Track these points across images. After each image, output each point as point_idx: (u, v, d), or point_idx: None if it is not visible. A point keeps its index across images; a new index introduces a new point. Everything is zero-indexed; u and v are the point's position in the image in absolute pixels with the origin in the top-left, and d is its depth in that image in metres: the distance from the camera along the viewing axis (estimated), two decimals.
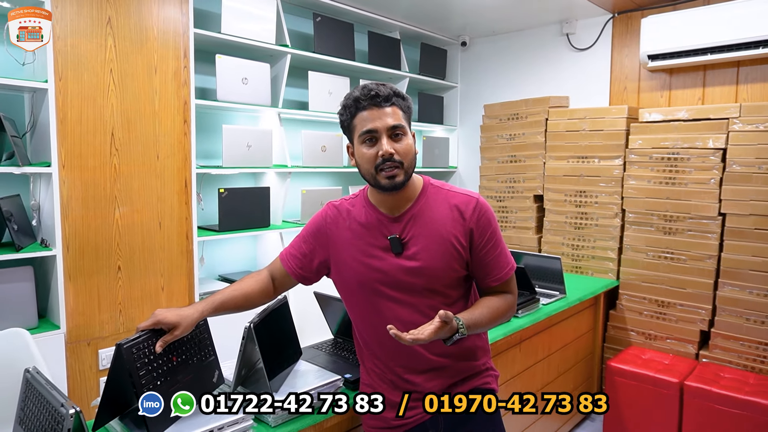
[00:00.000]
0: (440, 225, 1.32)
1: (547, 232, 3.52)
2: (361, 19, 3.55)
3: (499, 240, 1.37)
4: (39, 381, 1.17)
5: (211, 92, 2.91)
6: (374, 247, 1.35)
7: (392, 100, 1.28)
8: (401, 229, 1.33)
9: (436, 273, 1.31)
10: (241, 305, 1.43)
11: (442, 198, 1.35)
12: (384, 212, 1.36)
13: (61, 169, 2.22)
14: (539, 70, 3.82)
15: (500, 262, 1.37)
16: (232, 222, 2.86)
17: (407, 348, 1.33)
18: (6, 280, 2.13)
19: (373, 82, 1.32)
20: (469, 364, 1.42)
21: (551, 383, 2.74)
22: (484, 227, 1.33)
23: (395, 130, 1.27)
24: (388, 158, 1.25)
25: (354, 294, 1.41)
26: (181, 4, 2.54)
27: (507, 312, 1.39)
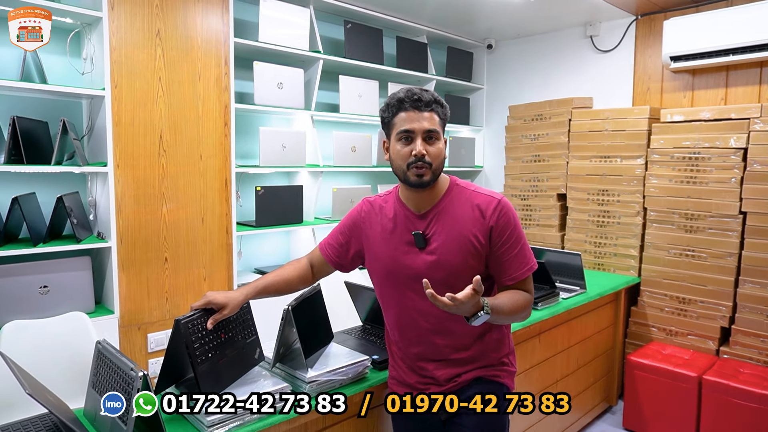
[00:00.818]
0: (461, 223, 1.39)
1: (569, 230, 3.61)
2: (390, 25, 3.70)
3: (519, 241, 1.40)
4: (110, 350, 1.36)
5: (249, 96, 3.11)
6: (401, 241, 1.45)
7: (432, 106, 1.37)
8: (426, 226, 1.42)
9: (453, 267, 1.38)
10: (282, 290, 1.59)
11: (465, 197, 1.42)
12: (411, 209, 1.45)
13: (116, 169, 2.43)
14: (563, 72, 3.90)
15: (517, 262, 1.40)
16: (267, 218, 3.04)
17: (424, 338, 1.46)
18: (67, 268, 2.36)
19: (418, 87, 1.41)
20: (481, 353, 1.48)
21: (571, 375, 2.84)
22: (503, 226, 1.38)
23: (430, 133, 1.36)
24: (420, 158, 1.35)
25: (382, 284, 1.53)
26: (222, 16, 2.74)
27: (525, 307, 1.41)
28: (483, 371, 1.49)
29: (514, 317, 1.42)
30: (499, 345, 1.52)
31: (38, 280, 2.28)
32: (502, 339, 1.53)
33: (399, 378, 1.56)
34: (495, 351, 1.51)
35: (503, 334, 1.54)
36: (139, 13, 2.46)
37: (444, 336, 1.46)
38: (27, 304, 2.25)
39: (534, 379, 2.56)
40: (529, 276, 1.44)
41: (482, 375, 1.49)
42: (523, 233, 1.44)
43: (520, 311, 1.41)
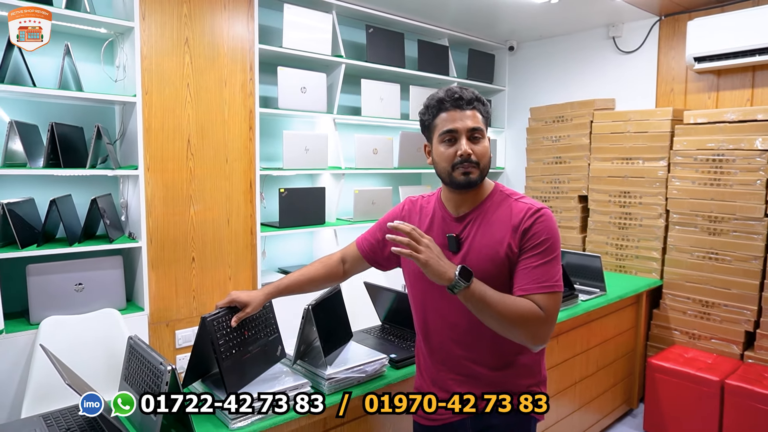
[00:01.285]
0: (496, 229, 1.32)
1: (591, 232, 3.60)
2: (411, 29, 3.75)
3: (547, 255, 1.27)
4: (141, 345, 1.44)
5: (273, 101, 3.19)
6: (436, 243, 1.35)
7: (474, 104, 1.33)
8: (461, 229, 1.36)
9: (483, 274, 1.29)
10: (305, 289, 1.62)
11: (506, 204, 1.35)
12: (450, 211, 1.40)
13: (146, 172, 2.54)
14: (585, 73, 3.89)
15: (535, 274, 1.26)
16: (290, 219, 3.12)
17: (447, 347, 1.40)
18: (100, 267, 2.47)
19: (457, 85, 1.37)
20: (508, 379, 1.37)
21: (590, 377, 2.84)
22: (535, 234, 1.28)
23: (474, 132, 1.32)
24: (466, 158, 1.30)
25: (413, 285, 1.48)
26: (247, 23, 2.82)
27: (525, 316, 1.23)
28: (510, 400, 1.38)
29: (503, 318, 1.24)
30: (529, 372, 1.40)
31: (74, 278, 2.40)
32: (533, 366, 1.40)
33: (421, 389, 1.52)
34: (524, 378, 1.39)
35: (536, 359, 1.41)
36: (168, 23, 2.56)
37: (467, 348, 1.38)
38: (63, 301, 2.36)
39: (552, 381, 2.58)
40: (544, 294, 1.26)
41: None
42: (557, 252, 1.30)
43: (515, 318, 1.23)
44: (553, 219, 1.33)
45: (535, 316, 1.25)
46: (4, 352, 2.20)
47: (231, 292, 1.50)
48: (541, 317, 1.25)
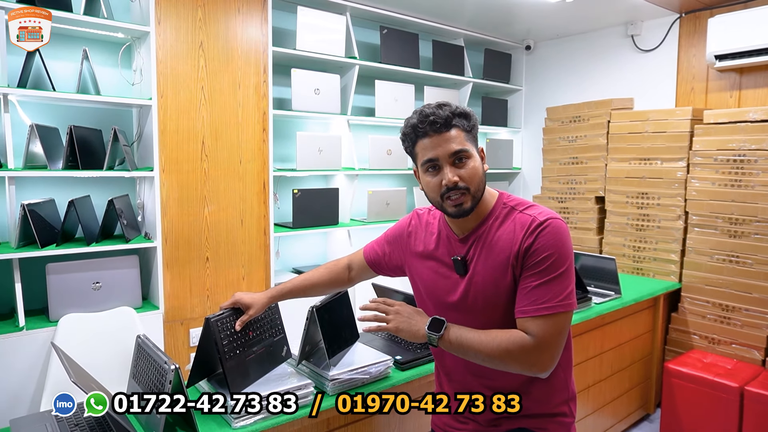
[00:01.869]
0: (500, 249, 1.23)
1: (608, 233, 3.55)
2: (426, 29, 3.74)
3: (552, 272, 1.16)
4: (148, 344, 1.47)
5: (286, 102, 3.22)
6: (442, 264, 1.34)
7: (452, 123, 1.20)
8: (466, 250, 1.29)
9: (492, 298, 1.24)
10: (309, 293, 1.64)
11: (511, 218, 1.25)
12: (454, 231, 1.33)
13: (161, 173, 2.59)
14: (603, 73, 3.83)
15: (535, 295, 1.17)
16: (304, 219, 3.15)
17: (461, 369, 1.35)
18: (117, 266, 2.53)
19: (432, 104, 1.23)
20: (532, 402, 1.29)
21: (604, 381, 2.80)
22: (535, 251, 1.18)
23: (457, 155, 1.20)
24: (453, 187, 1.20)
25: (423, 303, 1.42)
26: (261, 26, 2.86)
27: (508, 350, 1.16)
28: (529, 422, 1.30)
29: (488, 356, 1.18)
30: (554, 390, 1.30)
31: (91, 276, 2.46)
32: (556, 384, 1.29)
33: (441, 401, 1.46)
34: (550, 397, 1.30)
35: (560, 376, 1.30)
36: (183, 27, 2.60)
37: (482, 377, 1.31)
38: (81, 299, 2.43)
39: None
40: (539, 318, 1.15)
41: (527, 426, 1.30)
42: (562, 267, 1.17)
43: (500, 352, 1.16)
44: (561, 230, 1.19)
45: (519, 346, 1.16)
46: (24, 348, 2.27)
47: (235, 294, 1.53)
48: (529, 345, 1.15)
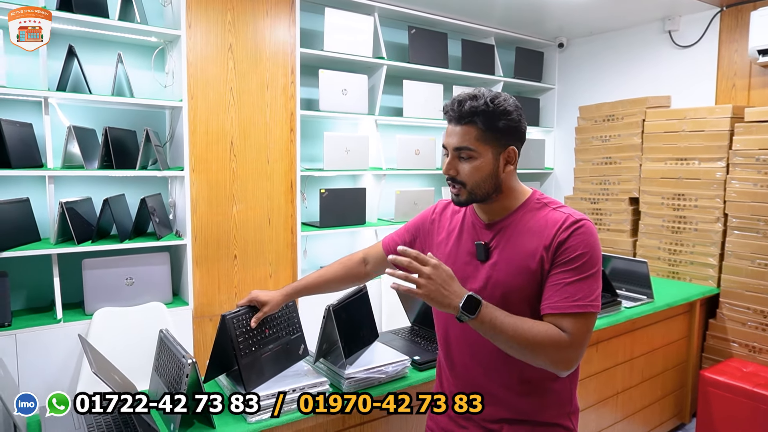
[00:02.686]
0: (528, 240, 1.21)
1: (642, 236, 3.44)
2: (455, 28, 3.72)
3: (583, 272, 1.15)
4: (169, 339, 1.52)
5: (314, 103, 3.26)
6: (464, 250, 1.32)
7: (468, 119, 1.20)
8: (491, 237, 1.27)
9: (510, 286, 1.22)
10: (324, 289, 1.63)
11: (542, 214, 1.24)
12: (480, 218, 1.31)
13: (191, 173, 2.67)
14: (639, 70, 3.72)
15: (567, 291, 1.15)
16: (331, 219, 3.18)
17: (467, 361, 1.32)
18: (149, 263, 2.62)
19: (467, 93, 1.23)
20: (534, 407, 1.27)
21: (634, 387, 2.72)
22: (569, 248, 1.16)
23: (460, 152, 1.22)
24: (450, 177, 1.24)
25: None
26: (289, 27, 2.90)
27: (542, 343, 1.13)
28: (530, 429, 1.27)
29: (520, 347, 1.14)
30: (558, 400, 1.28)
31: (125, 272, 2.55)
32: (563, 393, 1.28)
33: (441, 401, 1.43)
34: (553, 407, 1.27)
35: (566, 386, 1.28)
36: (213, 30, 2.67)
37: (489, 367, 1.29)
38: (115, 294, 2.52)
39: (591, 390, 2.49)
40: (573, 315, 1.14)
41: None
42: (594, 269, 1.17)
43: (533, 343, 1.13)
44: (594, 232, 1.19)
45: (554, 341, 1.13)
46: (61, 339, 2.37)
47: (252, 291, 1.55)
48: (564, 342, 1.13)
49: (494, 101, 1.19)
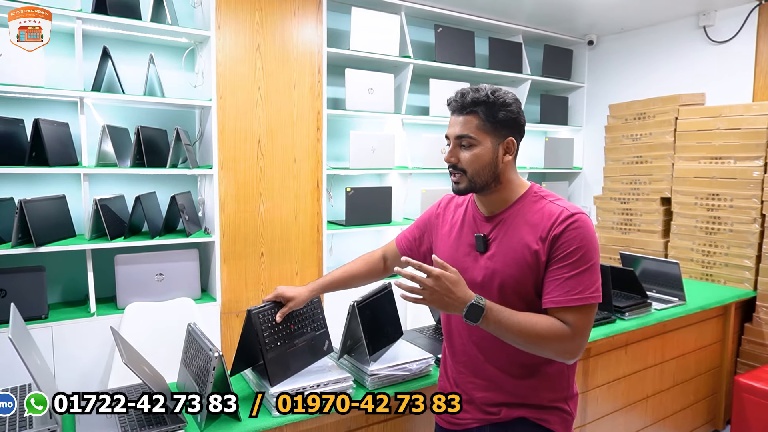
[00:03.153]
0: (525, 232, 1.26)
1: (674, 237, 3.36)
2: (482, 26, 3.69)
3: (581, 265, 1.19)
4: (196, 332, 1.55)
5: (341, 102, 3.28)
6: (464, 242, 1.38)
7: (469, 109, 1.27)
8: (490, 229, 1.33)
9: (507, 278, 1.27)
10: (349, 285, 1.68)
11: (539, 207, 1.28)
12: (481, 211, 1.37)
13: (219, 171, 2.71)
14: (672, 67, 3.63)
15: (568, 285, 1.19)
16: (357, 217, 3.19)
17: (469, 349, 1.37)
18: (178, 259, 2.68)
19: (470, 87, 1.31)
20: (531, 390, 1.32)
21: (665, 392, 2.65)
22: (565, 243, 1.20)
23: (461, 140, 1.29)
24: (451, 165, 1.31)
25: None
26: (316, 27, 2.92)
27: (546, 337, 1.18)
28: (529, 411, 1.31)
29: (525, 343, 1.19)
30: (555, 384, 1.32)
31: (155, 268, 2.61)
32: (559, 377, 1.33)
33: (443, 390, 1.50)
34: (549, 390, 1.32)
35: (563, 372, 1.33)
36: (242, 31, 2.71)
37: (488, 352, 1.34)
38: (146, 289, 2.59)
39: (620, 393, 2.44)
40: (575, 308, 1.18)
41: (528, 416, 1.31)
42: (592, 261, 1.21)
43: (538, 338, 1.18)
44: (589, 225, 1.23)
45: (558, 334, 1.19)
46: (95, 332, 2.44)
47: (277, 287, 1.57)
48: (567, 334, 1.19)
49: (495, 93, 1.27)
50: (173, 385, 1.66)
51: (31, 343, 1.48)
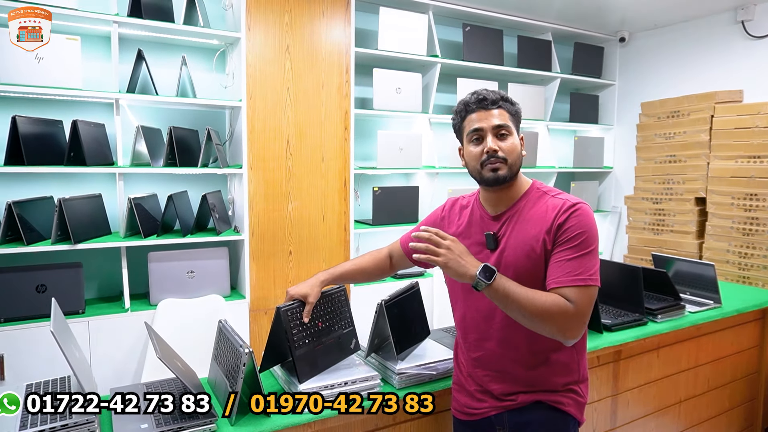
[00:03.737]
0: (532, 226, 1.34)
1: (709, 238, 3.27)
2: (511, 24, 3.66)
3: (582, 249, 1.27)
4: (227, 329, 1.58)
5: (368, 101, 3.29)
6: (473, 242, 1.43)
7: (499, 104, 1.35)
8: (498, 227, 1.39)
9: (519, 271, 1.33)
10: (357, 278, 1.71)
11: (542, 202, 1.36)
12: (487, 210, 1.44)
13: (249, 170, 2.75)
14: (707, 64, 3.53)
15: (569, 266, 1.26)
16: (384, 217, 3.20)
17: (485, 342, 1.42)
18: (209, 257, 2.73)
19: (481, 89, 1.40)
20: (544, 377, 1.38)
21: (699, 396, 2.59)
22: (568, 228, 1.28)
23: (500, 129, 1.34)
24: (493, 154, 1.33)
25: (452, 282, 1.51)
26: (344, 28, 2.94)
27: (550, 311, 1.24)
28: (544, 395, 1.37)
29: (529, 314, 1.25)
30: (566, 369, 1.39)
31: (186, 265, 2.67)
32: (570, 363, 1.39)
33: (459, 383, 1.54)
34: (561, 375, 1.39)
35: (573, 358, 1.40)
36: (271, 32, 2.75)
37: (503, 344, 1.39)
38: (177, 286, 2.64)
39: (651, 397, 2.39)
40: (576, 288, 1.25)
41: (543, 399, 1.37)
42: (593, 246, 1.28)
43: (542, 311, 1.24)
44: (590, 214, 1.32)
45: (562, 310, 1.24)
46: (129, 327, 2.51)
47: (288, 291, 1.56)
48: (569, 311, 1.24)
49: (505, 93, 1.39)
50: (204, 380, 1.70)
51: (70, 337, 1.53)
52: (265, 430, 1.42)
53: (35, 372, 2.24)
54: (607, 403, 2.22)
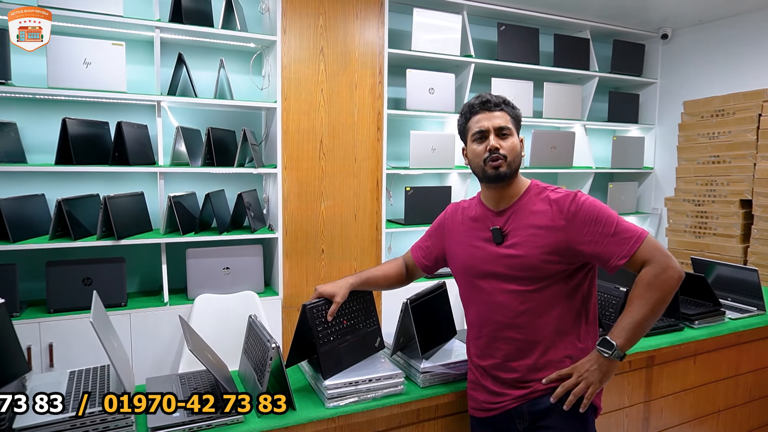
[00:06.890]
0: (537, 219, 1.42)
1: (755, 242, 3.14)
2: (547, 23, 3.61)
3: (612, 219, 1.36)
4: (257, 324, 1.63)
5: (401, 102, 3.31)
6: (479, 238, 1.51)
7: (501, 107, 1.45)
8: (503, 222, 1.47)
9: (530, 262, 1.40)
10: (381, 285, 1.76)
11: (544, 195, 1.45)
12: (490, 207, 1.51)
13: (283, 170, 2.82)
14: (755, 60, 3.38)
15: (621, 238, 1.35)
16: (416, 216, 3.22)
17: (501, 333, 1.47)
18: (244, 254, 2.81)
19: (483, 93, 1.51)
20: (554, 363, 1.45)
21: (739, 407, 2.49)
22: (584, 217, 1.37)
23: (502, 130, 1.43)
24: (495, 151, 1.42)
25: (461, 279, 1.59)
26: (378, 29, 2.97)
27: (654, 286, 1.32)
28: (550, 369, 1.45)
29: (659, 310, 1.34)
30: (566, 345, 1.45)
31: (222, 262, 2.76)
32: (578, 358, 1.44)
33: (475, 381, 1.56)
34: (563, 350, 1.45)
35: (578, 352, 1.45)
36: (306, 35, 2.80)
37: (519, 330, 1.45)
38: (213, 281, 2.73)
39: (687, 405, 2.32)
40: (641, 246, 1.34)
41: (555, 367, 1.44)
42: (613, 213, 1.38)
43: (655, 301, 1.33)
44: (585, 195, 1.42)
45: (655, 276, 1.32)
46: (168, 320, 2.61)
47: (316, 288, 1.62)
48: (657, 269, 1.32)
49: (507, 99, 1.48)
50: (235, 373, 1.76)
51: (109, 328, 1.61)
52: (290, 422, 1.46)
53: (81, 360, 2.36)
54: (639, 409, 2.17)
